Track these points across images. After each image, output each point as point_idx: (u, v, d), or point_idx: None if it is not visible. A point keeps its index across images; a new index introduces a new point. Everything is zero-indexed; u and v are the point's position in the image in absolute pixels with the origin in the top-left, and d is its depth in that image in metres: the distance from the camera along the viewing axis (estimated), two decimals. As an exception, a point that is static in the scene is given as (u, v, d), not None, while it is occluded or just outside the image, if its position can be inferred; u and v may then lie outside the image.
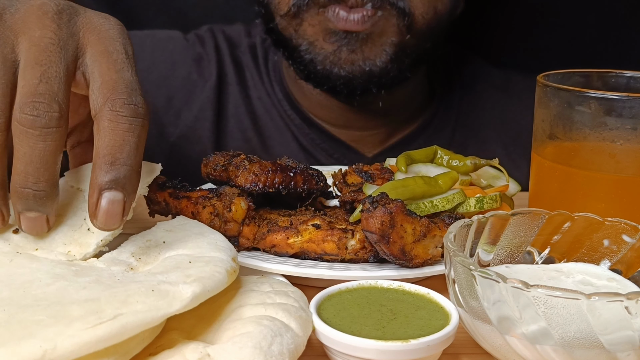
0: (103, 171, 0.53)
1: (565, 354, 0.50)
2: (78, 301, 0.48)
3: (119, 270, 0.55)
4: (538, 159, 0.74)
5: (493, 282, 0.50)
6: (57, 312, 0.47)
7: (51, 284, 0.51)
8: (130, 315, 0.47)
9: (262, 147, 1.17)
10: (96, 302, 0.48)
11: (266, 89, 1.19)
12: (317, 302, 0.58)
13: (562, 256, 0.63)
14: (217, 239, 0.61)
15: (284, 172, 0.75)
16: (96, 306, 0.48)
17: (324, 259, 0.69)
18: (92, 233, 0.58)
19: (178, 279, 0.52)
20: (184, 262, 0.55)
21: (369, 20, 0.98)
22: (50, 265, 0.55)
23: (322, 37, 1.01)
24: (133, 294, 0.49)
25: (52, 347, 0.45)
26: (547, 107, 0.72)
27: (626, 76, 0.75)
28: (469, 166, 0.80)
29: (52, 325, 0.46)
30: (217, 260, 0.56)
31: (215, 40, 1.22)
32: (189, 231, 0.62)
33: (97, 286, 0.51)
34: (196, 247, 0.59)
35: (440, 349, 0.54)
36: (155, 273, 0.54)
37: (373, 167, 0.84)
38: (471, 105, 1.23)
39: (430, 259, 0.66)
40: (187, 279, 0.52)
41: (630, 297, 0.47)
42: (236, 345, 0.49)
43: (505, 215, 0.62)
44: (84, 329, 0.46)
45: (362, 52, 1.00)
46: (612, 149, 0.68)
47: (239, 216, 0.69)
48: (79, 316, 0.47)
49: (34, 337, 0.45)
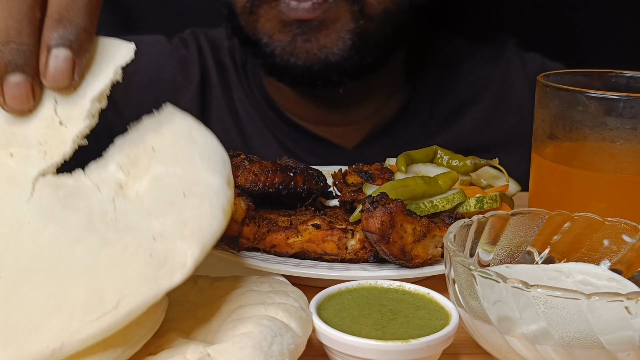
0: (50, 29, 0.53)
1: (565, 354, 0.50)
2: (76, 275, 0.47)
3: (108, 195, 0.52)
4: (538, 159, 0.74)
5: (493, 282, 0.50)
6: (57, 291, 0.47)
7: (42, 230, 0.50)
8: (132, 298, 0.47)
9: (245, 147, 1.19)
10: (96, 285, 0.47)
11: (245, 90, 1.21)
12: (317, 302, 0.58)
13: (562, 256, 0.63)
14: (210, 147, 0.57)
15: (284, 172, 0.75)
16: (98, 293, 0.47)
17: (324, 259, 0.69)
18: (65, 127, 0.55)
19: (174, 231, 0.50)
20: (178, 194, 0.52)
21: (319, 7, 0.99)
22: (37, 194, 0.52)
23: (278, 30, 1.02)
24: (130, 259, 0.48)
25: (59, 346, 0.45)
26: (547, 107, 0.72)
27: (626, 76, 0.75)
28: (469, 166, 0.80)
29: (56, 314, 0.46)
30: (212, 193, 0.53)
31: (198, 42, 1.24)
32: (178, 133, 0.57)
33: (91, 237, 0.49)
34: (189, 162, 0.55)
35: (440, 349, 0.54)
36: (150, 211, 0.51)
37: (373, 167, 0.84)
38: (446, 80, 1.23)
39: (430, 259, 0.66)
40: (184, 230, 0.50)
41: (630, 297, 0.47)
42: (236, 345, 0.49)
43: (505, 215, 0.62)
44: (88, 322, 0.45)
45: (317, 41, 1.01)
46: (612, 149, 0.68)
47: (239, 216, 0.69)
48: (81, 304, 0.46)
49: (40, 333, 0.45)
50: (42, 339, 0.45)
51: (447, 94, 1.22)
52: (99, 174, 0.55)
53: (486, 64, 1.24)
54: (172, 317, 0.56)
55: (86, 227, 0.50)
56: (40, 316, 0.46)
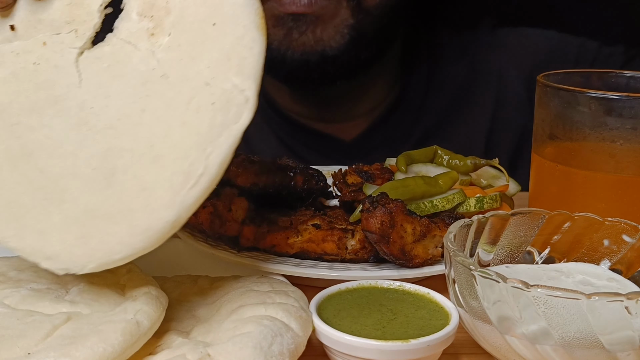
0: None
1: (565, 354, 0.50)
2: (158, 145, 0.50)
3: (147, 50, 0.53)
4: (538, 159, 0.74)
5: (493, 282, 0.50)
6: (148, 167, 0.50)
7: (106, 109, 0.52)
8: (216, 153, 0.49)
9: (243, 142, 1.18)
10: (179, 151, 0.49)
11: None
12: (317, 302, 0.58)
13: (562, 256, 0.63)
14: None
15: (284, 172, 0.75)
16: (185, 159, 0.49)
17: (324, 259, 0.69)
18: (87, 0, 0.56)
19: (222, 69, 0.51)
20: (208, 25, 0.52)
21: (316, 3, 0.99)
22: (84, 75, 0.54)
23: (272, 24, 1.02)
24: (197, 114, 0.50)
25: (175, 217, 0.49)
26: (547, 107, 0.72)
27: (626, 76, 0.75)
28: (469, 166, 0.80)
29: (158, 189, 0.49)
30: (240, 11, 0.52)
31: None
32: None
33: (153, 102, 0.51)
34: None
35: (440, 349, 0.54)
36: (190, 54, 0.51)
37: (373, 167, 0.84)
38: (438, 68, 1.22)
39: (430, 259, 0.66)
40: (230, 65, 0.51)
41: (630, 297, 0.47)
42: (236, 345, 0.49)
43: (505, 215, 0.62)
44: (189, 189, 0.48)
45: (314, 34, 1.01)
46: (612, 149, 0.68)
47: (239, 216, 0.69)
48: (175, 174, 0.49)
49: (154, 209, 0.49)
50: (159, 215, 0.49)
51: (441, 82, 1.22)
52: (127, 29, 0.55)
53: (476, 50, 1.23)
54: (172, 317, 0.56)
55: (143, 92, 0.52)
56: (147, 193, 0.49)
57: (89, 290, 0.55)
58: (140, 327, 0.49)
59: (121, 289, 0.55)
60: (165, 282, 0.63)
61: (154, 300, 0.53)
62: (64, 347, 0.47)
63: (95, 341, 0.47)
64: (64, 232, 0.52)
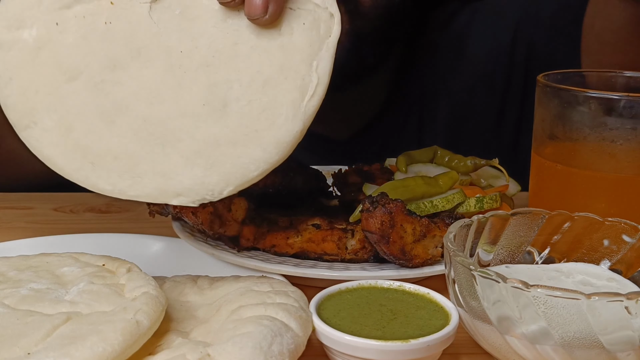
0: None
1: (565, 354, 0.50)
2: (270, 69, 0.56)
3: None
4: (538, 159, 0.74)
5: (493, 282, 0.50)
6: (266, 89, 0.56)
7: (197, 46, 0.57)
8: (322, 63, 0.57)
9: None
10: (291, 66, 0.56)
11: None
12: (317, 302, 0.58)
13: (562, 256, 0.63)
14: None
15: (284, 172, 0.75)
16: (296, 76, 0.56)
17: (324, 259, 0.69)
18: None
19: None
20: None
21: None
22: (162, 26, 0.58)
23: None
24: (298, 34, 0.57)
25: (302, 128, 0.57)
26: (547, 107, 0.72)
27: (626, 76, 0.75)
28: (469, 166, 0.80)
29: (284, 106, 0.57)
30: None
31: None
32: None
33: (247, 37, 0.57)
34: None
35: (440, 349, 0.54)
36: None
37: (373, 167, 0.84)
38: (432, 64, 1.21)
39: (430, 259, 0.66)
40: None
41: (630, 297, 0.47)
42: (236, 345, 0.49)
43: (505, 215, 0.62)
44: (308, 100, 0.57)
45: None
46: (612, 149, 0.68)
47: (239, 216, 0.69)
48: (295, 90, 0.56)
49: (280, 124, 0.56)
50: (287, 129, 0.56)
51: (435, 78, 1.21)
52: None
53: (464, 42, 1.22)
54: (171, 317, 0.56)
55: (229, 27, 0.58)
56: (268, 113, 0.55)
57: (89, 290, 0.55)
58: (140, 327, 0.49)
59: (121, 289, 0.55)
60: (165, 282, 0.63)
61: (153, 300, 0.52)
62: (63, 347, 0.47)
63: (95, 341, 0.47)
64: (189, 167, 0.57)
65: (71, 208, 0.93)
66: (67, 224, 0.88)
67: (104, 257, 0.61)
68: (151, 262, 0.68)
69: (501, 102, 1.17)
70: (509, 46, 1.14)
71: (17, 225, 0.87)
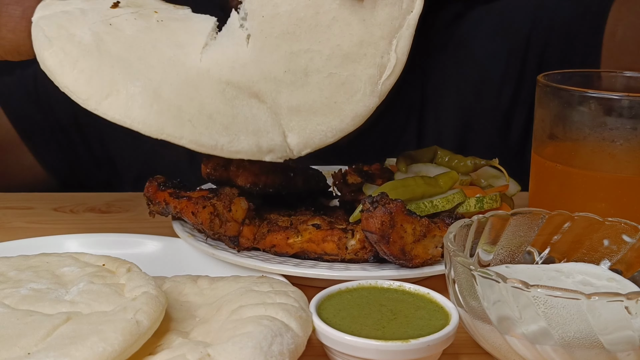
0: None
1: (565, 354, 0.50)
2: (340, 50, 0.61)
3: None
4: (538, 159, 0.74)
5: (493, 282, 0.50)
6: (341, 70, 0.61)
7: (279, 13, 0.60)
8: (402, 42, 0.61)
9: None
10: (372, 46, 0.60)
11: None
12: (317, 302, 0.58)
13: (562, 256, 0.63)
14: None
15: (284, 172, 0.75)
16: (376, 52, 0.60)
17: (324, 259, 0.69)
18: None
19: None
20: None
21: None
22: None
23: None
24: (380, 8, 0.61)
25: (377, 101, 0.62)
26: (547, 107, 0.72)
27: (626, 76, 0.75)
28: (469, 166, 0.80)
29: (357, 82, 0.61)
30: None
31: None
32: None
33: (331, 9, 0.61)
34: None
35: (440, 349, 0.54)
36: None
37: (373, 167, 0.84)
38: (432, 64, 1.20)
39: (430, 259, 0.66)
40: None
41: (630, 297, 0.47)
42: (236, 345, 0.49)
43: (505, 215, 0.62)
44: (384, 80, 0.61)
45: None
46: (612, 149, 0.68)
47: (239, 216, 0.69)
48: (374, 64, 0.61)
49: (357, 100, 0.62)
50: (364, 104, 0.61)
51: (436, 79, 1.21)
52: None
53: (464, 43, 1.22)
54: (171, 317, 0.56)
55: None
56: (347, 87, 0.59)
57: (89, 290, 0.55)
58: (140, 326, 0.49)
59: (121, 289, 0.55)
60: (165, 282, 0.63)
61: (153, 300, 0.52)
62: (63, 346, 0.47)
63: (95, 341, 0.47)
64: (276, 127, 0.62)
65: (71, 208, 0.94)
66: (67, 224, 0.88)
67: (104, 257, 0.61)
68: (151, 262, 0.68)
69: (510, 106, 1.17)
70: (520, 51, 1.13)
71: (17, 225, 0.87)
